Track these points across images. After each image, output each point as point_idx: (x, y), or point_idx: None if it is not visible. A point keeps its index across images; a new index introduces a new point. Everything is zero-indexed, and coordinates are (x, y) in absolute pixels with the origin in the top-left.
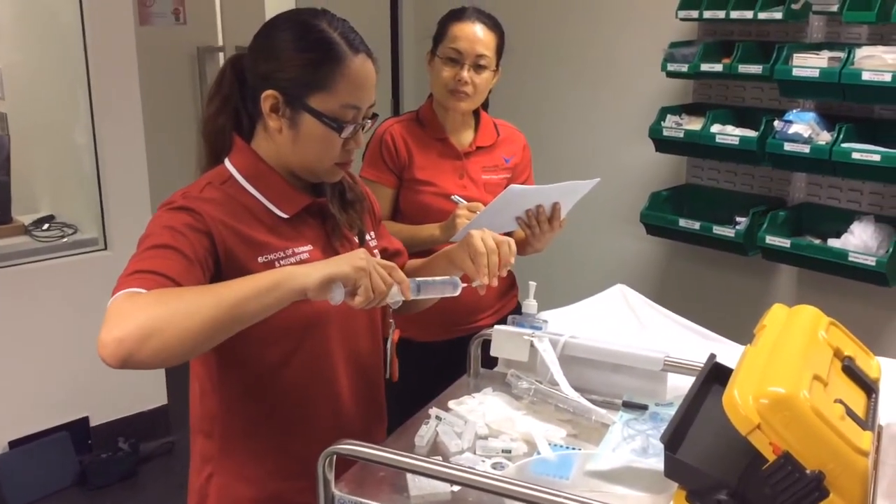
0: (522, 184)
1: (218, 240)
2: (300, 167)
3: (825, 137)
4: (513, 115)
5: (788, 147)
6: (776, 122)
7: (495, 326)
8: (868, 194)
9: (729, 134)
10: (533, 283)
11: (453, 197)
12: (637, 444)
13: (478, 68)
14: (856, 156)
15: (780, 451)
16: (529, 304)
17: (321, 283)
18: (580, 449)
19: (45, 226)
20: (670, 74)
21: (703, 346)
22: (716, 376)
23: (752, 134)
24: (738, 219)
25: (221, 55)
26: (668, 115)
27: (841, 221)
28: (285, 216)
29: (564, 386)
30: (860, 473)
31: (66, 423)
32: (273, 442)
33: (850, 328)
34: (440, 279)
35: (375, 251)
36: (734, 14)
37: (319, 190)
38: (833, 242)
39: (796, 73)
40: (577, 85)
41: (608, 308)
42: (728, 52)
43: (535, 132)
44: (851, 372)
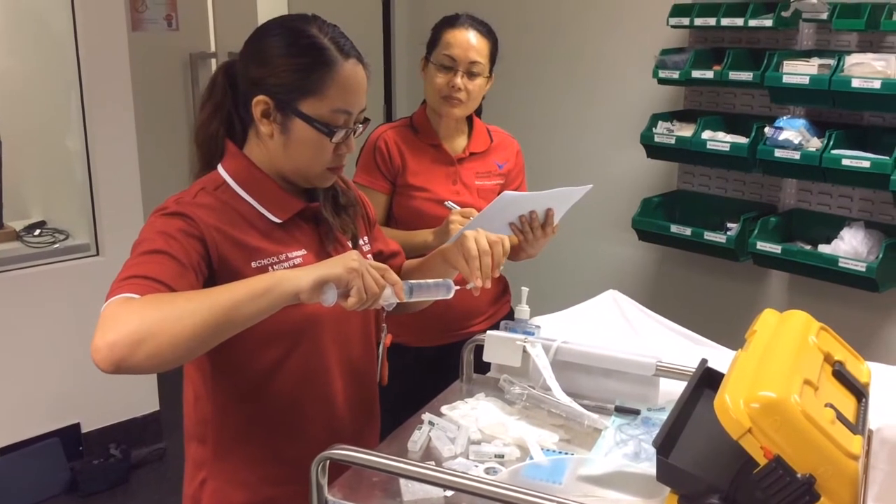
0: (515, 190)
1: (211, 245)
2: (292, 172)
3: (815, 144)
4: (506, 121)
5: (779, 153)
6: (767, 129)
7: (488, 332)
8: (858, 200)
9: (720, 140)
10: (525, 289)
11: (447, 203)
12: (629, 449)
13: (471, 75)
14: (846, 162)
15: (771, 455)
16: (522, 310)
17: (313, 285)
18: (573, 454)
19: (37, 231)
20: (661, 81)
21: (695, 352)
22: (707, 381)
23: (742, 140)
24: (730, 225)
25: (214, 61)
26: (660, 122)
27: (831, 227)
28: (278, 221)
29: (557, 391)
30: (850, 477)
31: (57, 430)
32: (267, 447)
33: (841, 333)
34: (433, 282)
35: (368, 255)
36: (725, 21)
37: (313, 194)
38: (823, 248)
39: (786, 80)
40: (569, 91)
41: (600, 313)
42: (719, 59)
43: (527, 138)
44: (842, 376)
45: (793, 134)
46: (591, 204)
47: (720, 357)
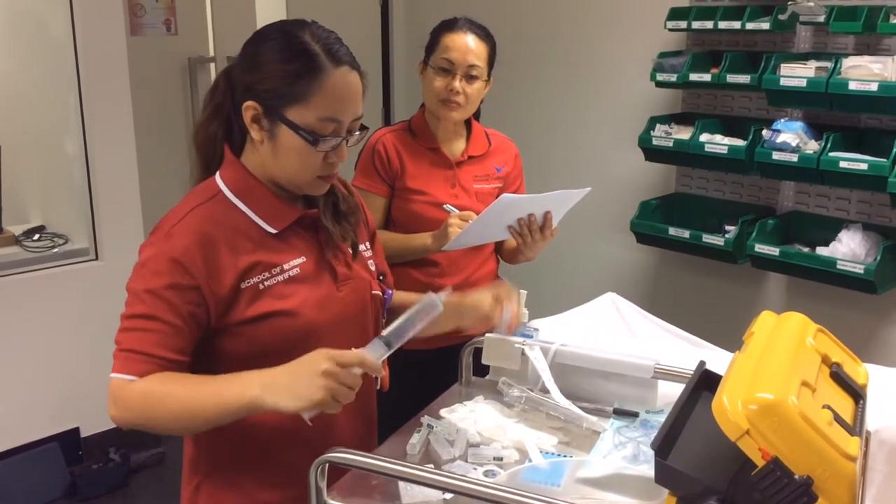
0: (514, 193)
1: (206, 289)
2: (284, 179)
3: (813, 146)
4: (504, 124)
5: (777, 156)
6: (764, 132)
7: (487, 334)
8: (856, 203)
9: (718, 143)
10: (524, 292)
11: (445, 206)
12: (628, 451)
13: (469, 78)
14: (843, 164)
15: (769, 457)
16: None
17: (294, 413)
18: (571, 456)
19: (36, 236)
20: (659, 84)
21: (693, 354)
22: (705, 383)
23: (740, 143)
24: (728, 227)
25: (213, 66)
26: (658, 125)
27: (829, 230)
28: (273, 231)
29: (555, 393)
30: (848, 478)
31: (56, 434)
32: (262, 451)
33: (839, 335)
34: (411, 312)
35: (370, 261)
36: (722, 24)
37: (312, 201)
38: (821, 250)
39: (784, 82)
40: (567, 94)
41: (599, 316)
42: (716, 62)
43: (526, 142)
44: (839, 378)
45: (790, 136)
46: (589, 207)
47: (719, 359)
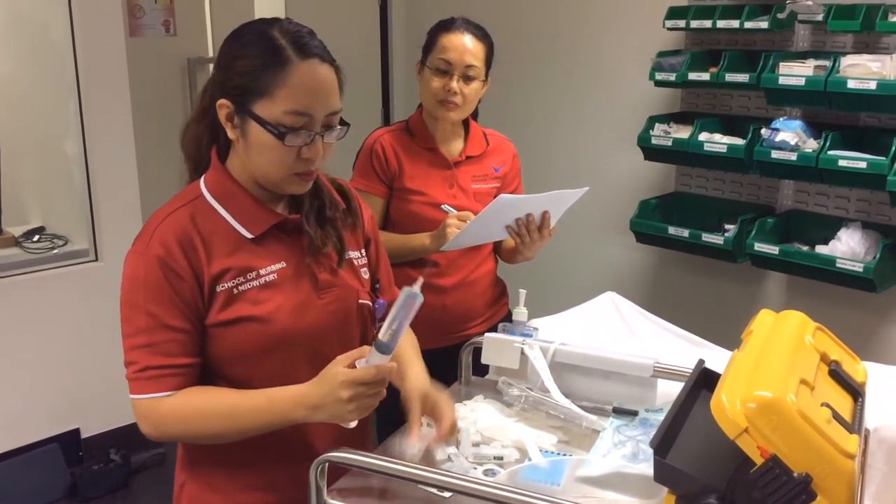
0: (512, 193)
1: (194, 285)
2: (261, 178)
3: (812, 145)
4: (502, 124)
5: (776, 155)
6: (763, 130)
7: (486, 334)
8: (855, 201)
9: (717, 142)
10: (523, 291)
11: (443, 206)
12: (627, 450)
13: (467, 79)
14: (842, 163)
15: (767, 455)
16: (520, 312)
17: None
18: (571, 455)
19: (36, 237)
20: (658, 83)
21: (693, 353)
22: (704, 382)
23: (739, 142)
24: (727, 226)
25: (211, 66)
26: (657, 124)
27: (829, 228)
28: (251, 236)
29: (555, 393)
30: (847, 476)
31: (57, 435)
32: (239, 456)
33: (838, 333)
34: (397, 310)
35: (362, 269)
36: (721, 23)
37: (298, 205)
38: (821, 249)
39: (783, 81)
40: (565, 94)
41: (598, 315)
42: (715, 61)
43: (524, 142)
44: (838, 376)
45: (789, 135)
46: (588, 206)
47: (718, 358)
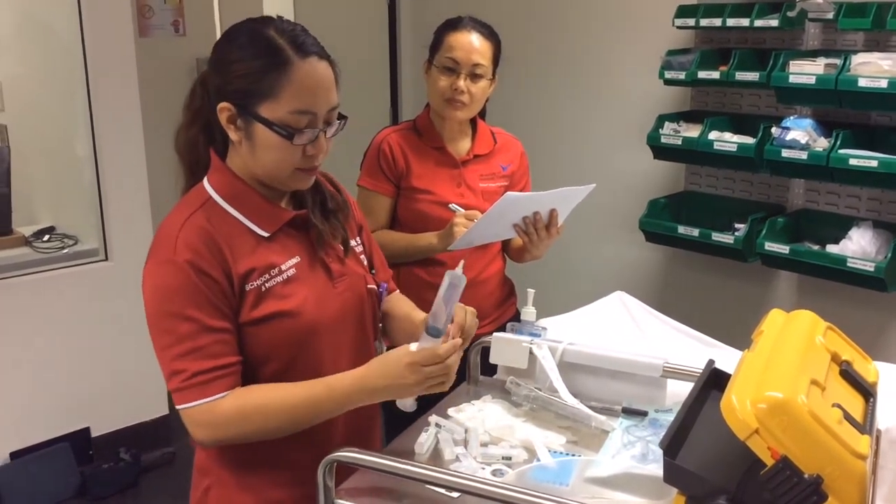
0: (520, 191)
1: (226, 283)
2: (265, 176)
3: (822, 144)
4: (510, 123)
5: (786, 154)
6: (773, 129)
7: (494, 334)
8: (866, 200)
9: (727, 141)
10: (531, 291)
11: (451, 205)
12: (637, 451)
13: (474, 77)
14: (853, 162)
15: (778, 456)
16: (528, 312)
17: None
18: (580, 455)
19: (46, 237)
20: (668, 82)
21: (703, 353)
22: (714, 382)
23: (749, 141)
24: (737, 225)
25: None
26: (666, 123)
27: (839, 227)
28: (266, 235)
29: (564, 393)
30: (858, 477)
31: (67, 434)
32: (270, 452)
33: (849, 333)
34: (444, 292)
35: (362, 256)
36: (730, 22)
37: (301, 201)
38: (832, 248)
39: (793, 80)
40: (574, 93)
41: (607, 315)
42: (725, 60)
43: (532, 140)
44: (849, 376)
45: (800, 134)
46: (597, 205)
47: (728, 358)
